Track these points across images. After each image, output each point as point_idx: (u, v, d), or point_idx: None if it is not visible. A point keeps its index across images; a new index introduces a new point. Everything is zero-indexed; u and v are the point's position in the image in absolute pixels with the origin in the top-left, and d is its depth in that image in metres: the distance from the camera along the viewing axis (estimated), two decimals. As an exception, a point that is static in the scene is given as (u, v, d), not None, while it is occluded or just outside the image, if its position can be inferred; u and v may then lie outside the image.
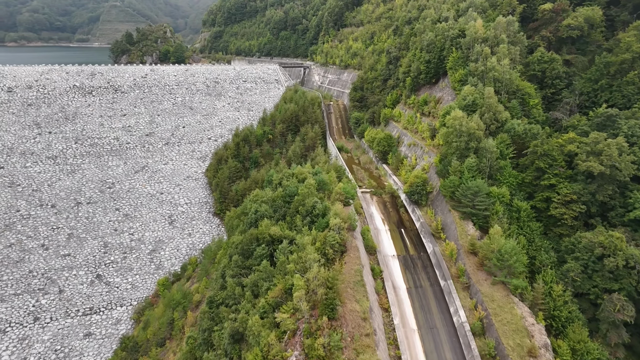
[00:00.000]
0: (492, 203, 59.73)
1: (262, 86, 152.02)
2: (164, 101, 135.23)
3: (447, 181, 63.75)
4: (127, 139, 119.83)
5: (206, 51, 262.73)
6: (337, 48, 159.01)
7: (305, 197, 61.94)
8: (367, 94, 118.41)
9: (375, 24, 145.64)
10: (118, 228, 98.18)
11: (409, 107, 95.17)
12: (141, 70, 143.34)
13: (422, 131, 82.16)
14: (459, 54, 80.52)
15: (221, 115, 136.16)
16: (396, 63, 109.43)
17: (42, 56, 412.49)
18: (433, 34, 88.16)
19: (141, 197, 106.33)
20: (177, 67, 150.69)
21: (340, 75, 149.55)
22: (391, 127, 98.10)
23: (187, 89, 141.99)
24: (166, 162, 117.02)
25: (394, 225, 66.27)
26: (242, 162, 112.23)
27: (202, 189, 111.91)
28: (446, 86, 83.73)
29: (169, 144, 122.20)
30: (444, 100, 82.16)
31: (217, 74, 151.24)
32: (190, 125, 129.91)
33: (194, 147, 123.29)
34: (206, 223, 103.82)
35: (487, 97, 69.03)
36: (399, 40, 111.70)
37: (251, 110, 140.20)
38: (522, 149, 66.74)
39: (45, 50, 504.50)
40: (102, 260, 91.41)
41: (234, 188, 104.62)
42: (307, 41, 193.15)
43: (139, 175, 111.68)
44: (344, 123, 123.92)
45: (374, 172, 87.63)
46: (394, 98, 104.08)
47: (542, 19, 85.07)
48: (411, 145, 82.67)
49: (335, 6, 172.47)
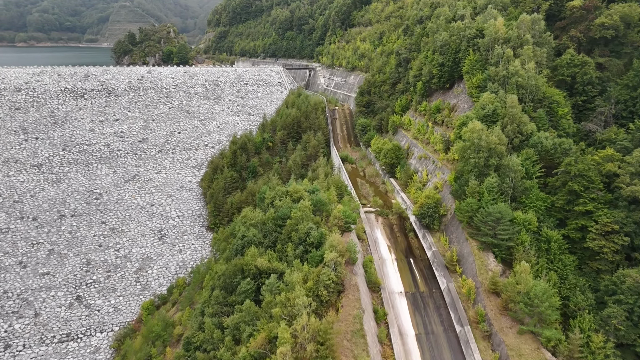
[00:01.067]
0: (516, 232, 51.01)
1: (265, 89, 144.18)
2: (159, 105, 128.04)
3: (464, 204, 55.07)
4: (118, 146, 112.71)
5: (210, 52, 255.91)
6: (344, 49, 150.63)
7: (299, 221, 53.75)
8: (374, 99, 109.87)
9: (384, 23, 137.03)
10: (103, 244, 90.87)
11: (419, 114, 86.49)
12: (137, 72, 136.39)
13: (434, 142, 73.46)
14: (477, 56, 71.72)
15: (220, 120, 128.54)
16: (406, 66, 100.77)
17: (48, 56, 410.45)
18: (447, 34, 79.44)
19: (130, 209, 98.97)
20: (175, 68, 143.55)
21: (347, 78, 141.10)
22: (400, 136, 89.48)
23: (184, 92, 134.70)
24: (159, 170, 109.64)
25: (401, 253, 57.72)
26: (239, 171, 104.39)
27: (196, 201, 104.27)
28: (462, 92, 74.95)
29: (162, 151, 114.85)
30: (460, 108, 73.38)
31: (217, 76, 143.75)
32: (187, 130, 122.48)
33: (189, 154, 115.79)
34: (199, 238, 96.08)
35: (509, 106, 60.20)
36: (410, 41, 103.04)
37: (252, 115, 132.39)
38: (552, 167, 57.78)
39: (53, 51, 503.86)
40: (83, 279, 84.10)
41: (229, 200, 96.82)
42: (313, 42, 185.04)
43: (129, 185, 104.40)
44: (349, 130, 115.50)
45: (380, 187, 79.10)
46: (403, 104, 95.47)
47: (570, 17, 75.83)
48: (422, 158, 74.00)
49: (342, 5, 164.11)
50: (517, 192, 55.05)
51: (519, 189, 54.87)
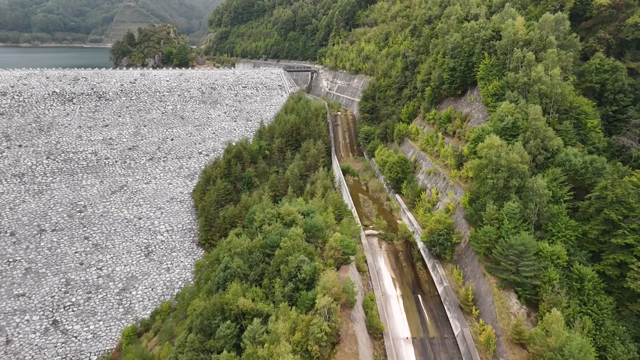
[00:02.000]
0: (543, 267, 43.50)
1: (264, 93, 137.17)
2: (152, 110, 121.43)
3: (480, 233, 47.59)
4: (106, 154, 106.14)
5: (211, 53, 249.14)
6: (347, 50, 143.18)
7: (290, 251, 46.56)
8: (379, 105, 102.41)
9: (390, 23, 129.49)
10: (85, 261, 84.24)
11: (428, 123, 78.99)
12: (130, 75, 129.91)
13: (444, 156, 65.94)
14: (493, 60, 64.13)
15: (215, 126, 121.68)
16: (413, 69, 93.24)
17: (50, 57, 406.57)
18: (459, 35, 71.87)
19: (115, 222, 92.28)
20: (170, 71, 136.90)
21: (350, 81, 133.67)
22: (406, 146, 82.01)
23: (179, 95, 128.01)
24: (148, 180, 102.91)
25: (408, 288, 50.31)
26: (233, 182, 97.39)
27: (187, 214, 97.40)
28: (475, 100, 67.38)
29: (153, 159, 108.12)
30: (473, 117, 65.81)
31: (214, 79, 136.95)
32: (180, 137, 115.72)
33: (181, 163, 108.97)
34: (188, 255, 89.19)
35: (532, 118, 52.61)
36: (417, 43, 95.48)
37: (249, 120, 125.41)
38: (582, 189, 50.16)
39: (57, 51, 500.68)
40: (61, 301, 77.49)
41: (221, 214, 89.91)
42: (316, 42, 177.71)
43: (115, 196, 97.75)
44: (352, 137, 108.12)
45: (385, 204, 71.68)
46: (410, 111, 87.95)
47: (597, 16, 68.00)
48: (431, 173, 66.50)
49: (346, 4, 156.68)
50: (543, 218, 47.48)
51: (544, 215, 47.30)
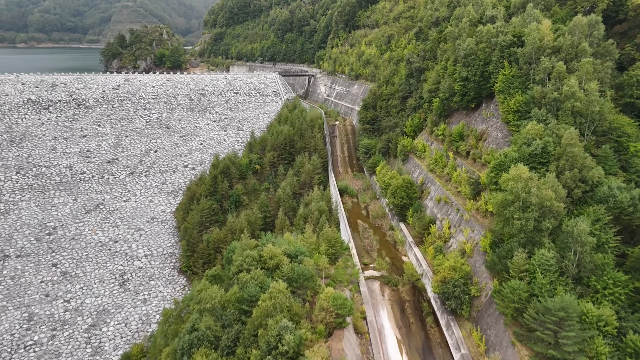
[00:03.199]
0: (589, 337, 34.35)
1: (257, 99, 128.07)
2: (135, 118, 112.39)
3: (507, 289, 38.41)
4: (82, 168, 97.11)
5: (205, 55, 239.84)
6: (347, 54, 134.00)
7: (270, 312, 37.40)
8: (380, 115, 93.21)
9: (393, 25, 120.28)
10: (51, 292, 75.21)
11: (436, 139, 69.80)
12: (113, 81, 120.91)
13: (457, 181, 56.73)
14: (514, 70, 54.91)
15: (204, 136, 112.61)
16: (419, 77, 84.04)
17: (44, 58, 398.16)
18: (473, 40, 62.63)
19: (88, 246, 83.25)
20: (157, 76, 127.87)
21: (350, 88, 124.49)
22: (411, 165, 72.81)
23: (165, 103, 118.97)
24: (128, 198, 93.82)
25: (417, 354, 41.06)
26: (219, 201, 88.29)
27: (169, 235, 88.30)
28: (493, 116, 58.15)
29: (134, 173, 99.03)
30: (491, 137, 56.58)
31: (204, 85, 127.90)
32: (164, 148, 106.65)
33: (165, 177, 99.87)
34: (168, 284, 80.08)
35: (566, 143, 43.39)
36: (423, 47, 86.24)
37: (241, 130, 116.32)
38: (630, 230, 40.99)
39: (53, 52, 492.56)
40: (22, 340, 68.43)
41: (205, 238, 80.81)
42: (314, 45, 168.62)
43: (90, 216, 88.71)
44: (351, 150, 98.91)
45: (388, 235, 62.52)
46: (415, 124, 78.79)
47: (634, 18, 58.74)
48: (441, 201, 57.26)
49: (346, 4, 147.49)
50: (584, 271, 38.30)
51: (586, 267, 38.12)
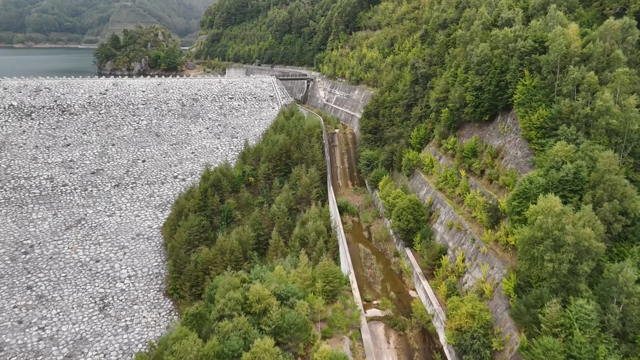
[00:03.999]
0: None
1: (253, 105, 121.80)
2: (123, 125, 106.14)
3: (538, 347, 32.10)
4: (64, 179, 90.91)
5: (202, 56, 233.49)
6: (347, 57, 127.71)
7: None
8: (383, 124, 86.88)
9: (396, 26, 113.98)
10: (25, 319, 68.96)
11: (445, 153, 63.49)
12: (101, 85, 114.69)
13: (471, 205, 50.40)
14: (536, 80, 48.56)
15: (195, 144, 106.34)
16: (425, 83, 77.73)
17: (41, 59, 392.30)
18: (487, 45, 56.27)
19: (67, 266, 77.02)
20: (147, 80, 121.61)
21: (350, 93, 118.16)
22: (418, 181, 66.48)
23: (156, 108, 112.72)
24: (112, 212, 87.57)
25: (428, 422, 34.77)
26: (209, 216, 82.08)
27: (155, 254, 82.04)
28: (511, 131, 51.82)
29: (120, 185, 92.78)
30: (509, 154, 50.25)
31: (196, 89, 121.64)
32: (153, 158, 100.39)
33: (152, 189, 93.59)
34: (153, 308, 73.79)
35: (604, 168, 37.04)
36: (430, 51, 79.91)
37: (235, 137, 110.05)
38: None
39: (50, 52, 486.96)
40: (-12, 374, 62.29)
41: (193, 258, 74.60)
42: (314, 47, 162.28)
43: (71, 232, 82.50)
44: (351, 161, 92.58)
45: (392, 262, 56.21)
46: (421, 135, 72.47)
47: (669, 22, 52.40)
48: (453, 227, 50.93)
49: (346, 4, 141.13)
50: (631, 325, 32.00)
51: (633, 320, 31.82)
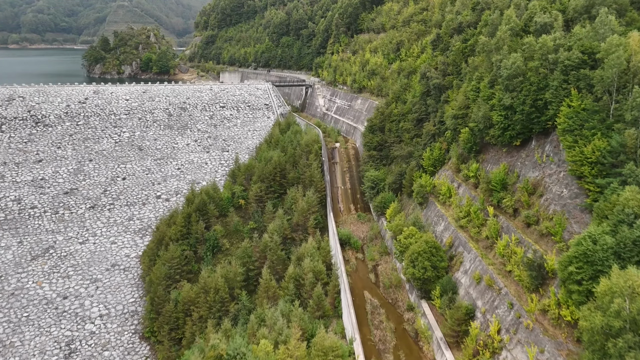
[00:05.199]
0: None
1: (247, 114, 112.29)
2: (103, 138, 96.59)
3: None
4: (33, 201, 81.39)
5: (196, 59, 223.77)
6: (349, 62, 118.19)
7: None
8: (389, 140, 77.35)
9: (402, 29, 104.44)
10: (-25, 370, 59.51)
11: (465, 180, 54.01)
12: (80, 93, 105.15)
13: (504, 254, 40.84)
14: (588, 101, 39.03)
15: (182, 159, 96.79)
16: (439, 96, 68.18)
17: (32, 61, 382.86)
18: (520, 56, 46.69)
19: (31, 304, 67.47)
20: (131, 87, 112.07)
21: (352, 102, 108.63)
22: (433, 212, 56.92)
23: (140, 119, 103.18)
24: (85, 238, 78.03)
25: None
26: (193, 246, 72.54)
27: (132, 288, 72.46)
28: (552, 162, 42.29)
29: (95, 207, 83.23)
30: (550, 192, 40.72)
31: (185, 97, 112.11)
32: (134, 175, 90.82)
33: (132, 212, 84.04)
34: (126, 354, 64.20)
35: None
36: (443, 59, 70.28)
37: (226, 151, 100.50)
38: None
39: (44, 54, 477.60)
40: None
41: (173, 295, 65.14)
42: (313, 50, 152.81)
43: (37, 263, 72.97)
44: (354, 181, 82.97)
45: (406, 319, 46.67)
46: (435, 156, 62.94)
47: None
48: (482, 281, 41.39)
49: (348, 5, 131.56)
50: None
51: None
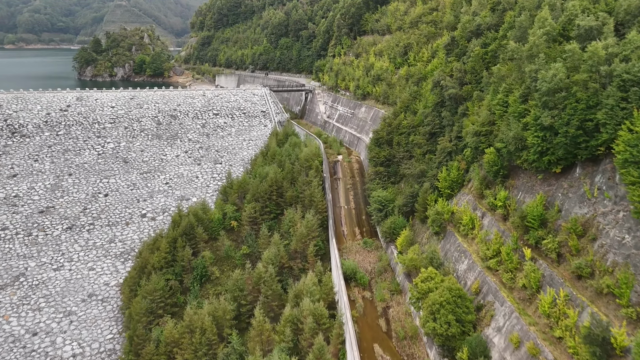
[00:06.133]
0: None
1: (242, 122, 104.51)
2: (85, 150, 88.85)
3: None
4: (4, 221, 73.69)
5: (191, 61, 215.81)
6: (352, 66, 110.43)
7: None
8: (398, 155, 69.53)
9: (409, 31, 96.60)
10: None
11: (491, 210, 46.23)
12: (62, 100, 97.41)
13: (550, 314, 33.08)
14: (657, 126, 31.18)
15: (171, 172, 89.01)
16: (455, 108, 60.39)
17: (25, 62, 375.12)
18: (562, 66, 38.87)
19: (-6, 344, 59.72)
20: (118, 93, 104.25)
21: (356, 110, 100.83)
22: (453, 246, 49.12)
23: (126, 128, 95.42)
24: (60, 264, 70.28)
25: None
26: (179, 275, 64.77)
27: (110, 322, 64.62)
28: (606, 198, 34.55)
29: (73, 228, 75.49)
30: (606, 235, 33.01)
31: (176, 104, 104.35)
32: (118, 191, 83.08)
33: (114, 232, 76.29)
34: (101, 403, 56.53)
35: None
36: (459, 66, 62.41)
37: (219, 163, 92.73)
38: None
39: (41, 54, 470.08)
40: None
41: (155, 334, 57.39)
42: (313, 52, 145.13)
43: (5, 293, 65.23)
44: (359, 199, 75.09)
45: (423, 382, 38.85)
46: (452, 177, 55.16)
47: None
48: (523, 347, 33.55)
49: (350, 5, 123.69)
50: None
51: None
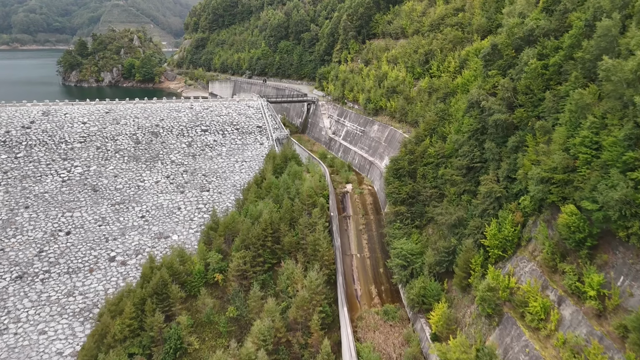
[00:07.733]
0: None
1: (234, 139, 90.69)
2: (47, 176, 75.14)
3: None
4: (-63, 270, 59.92)
5: (184, 65, 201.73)
6: (361, 74, 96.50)
7: None
8: (424, 192, 55.51)
9: (429, 35, 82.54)
10: None
11: (573, 296, 32.44)
12: (26, 114, 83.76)
13: None
14: None
15: (148, 203, 75.22)
16: (503, 138, 46.37)
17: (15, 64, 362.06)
18: None
19: None
20: (92, 106, 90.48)
21: (367, 127, 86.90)
22: (514, 341, 35.25)
23: (98, 148, 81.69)
24: (4, 326, 56.46)
25: None
26: (147, 348, 50.87)
27: (59, 409, 50.87)
28: None
29: (24, 277, 61.71)
30: None
31: (159, 119, 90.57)
32: (83, 228, 69.30)
33: (74, 282, 62.45)
34: None
35: None
36: (506, 83, 48.22)
37: (206, 190, 78.92)
38: None
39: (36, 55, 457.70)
40: None
41: None
42: (316, 57, 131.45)
43: None
44: (374, 246, 60.78)
45: None
46: (507, 235, 41.10)
47: None
48: None
49: (358, 4, 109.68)
50: None
51: None
